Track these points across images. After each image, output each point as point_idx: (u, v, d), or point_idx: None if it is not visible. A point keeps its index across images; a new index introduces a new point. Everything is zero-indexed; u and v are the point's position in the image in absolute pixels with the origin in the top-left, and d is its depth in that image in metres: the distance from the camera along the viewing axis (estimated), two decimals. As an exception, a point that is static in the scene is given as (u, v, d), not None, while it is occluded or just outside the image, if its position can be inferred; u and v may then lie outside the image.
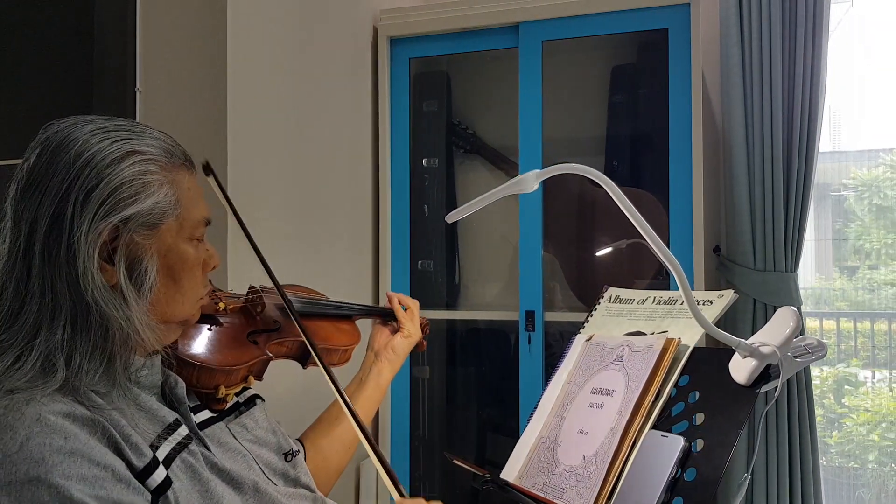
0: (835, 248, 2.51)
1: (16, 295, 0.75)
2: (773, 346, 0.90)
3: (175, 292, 0.83)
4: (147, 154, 0.80)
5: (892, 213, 2.45)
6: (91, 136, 0.78)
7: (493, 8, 1.95)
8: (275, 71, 1.59)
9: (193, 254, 0.85)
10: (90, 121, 0.80)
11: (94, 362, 0.75)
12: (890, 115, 2.41)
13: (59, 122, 0.80)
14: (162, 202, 0.80)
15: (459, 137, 2.25)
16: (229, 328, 1.01)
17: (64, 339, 0.74)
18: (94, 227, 0.75)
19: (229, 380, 0.95)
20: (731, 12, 1.93)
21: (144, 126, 0.84)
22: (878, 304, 2.53)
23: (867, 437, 2.51)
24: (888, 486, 2.48)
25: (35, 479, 0.67)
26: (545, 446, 1.12)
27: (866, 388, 2.60)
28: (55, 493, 0.67)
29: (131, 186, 0.77)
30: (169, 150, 0.83)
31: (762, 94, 1.92)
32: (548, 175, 0.92)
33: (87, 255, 0.74)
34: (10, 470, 0.67)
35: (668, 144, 1.82)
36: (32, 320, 0.74)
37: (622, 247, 2.04)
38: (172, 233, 0.82)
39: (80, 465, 0.69)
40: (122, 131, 0.80)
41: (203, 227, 0.87)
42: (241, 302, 1.07)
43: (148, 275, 0.79)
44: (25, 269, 0.75)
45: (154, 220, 0.79)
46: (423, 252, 2.13)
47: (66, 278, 0.74)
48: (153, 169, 0.80)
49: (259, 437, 0.97)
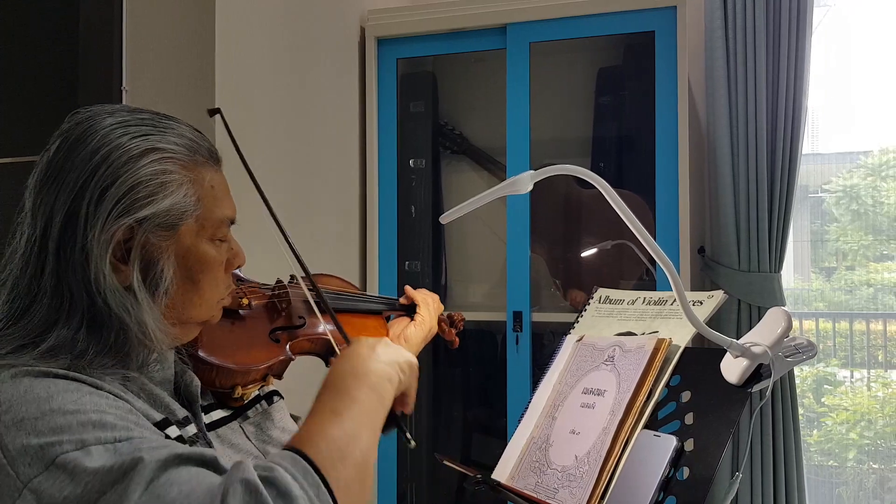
0: (813, 250, 2.55)
1: (28, 290, 0.73)
2: (764, 346, 0.91)
3: (193, 294, 0.79)
4: (167, 151, 0.76)
5: (869, 215, 2.49)
6: (111, 130, 0.74)
7: (480, 9, 1.95)
8: (262, 71, 1.58)
9: (214, 255, 0.81)
10: (112, 112, 0.77)
11: (107, 359, 0.72)
12: (867, 118, 2.44)
13: (84, 111, 0.77)
14: (181, 203, 0.76)
15: (446, 138, 2.25)
16: (251, 325, 0.98)
17: (78, 337, 0.71)
18: (107, 228, 0.72)
19: (247, 380, 0.92)
20: (717, 15, 1.96)
21: (170, 120, 0.80)
22: (855, 305, 2.57)
23: (846, 435, 2.54)
24: (866, 485, 2.51)
25: (49, 411, 0.64)
26: (537, 446, 1.13)
27: (845, 387, 2.64)
28: (72, 417, 0.64)
29: (148, 186, 0.74)
30: (193, 146, 0.79)
31: (746, 96, 1.94)
32: (542, 176, 0.92)
33: (100, 256, 0.71)
34: (20, 409, 0.64)
35: (653, 146, 1.83)
36: (42, 317, 0.72)
37: (607, 248, 2.05)
38: (192, 234, 0.78)
39: (90, 397, 0.67)
40: (143, 126, 0.76)
41: (226, 226, 0.82)
42: (265, 297, 1.02)
43: (164, 277, 0.75)
44: (39, 266, 0.73)
45: (172, 222, 0.76)
46: (410, 253, 2.13)
47: (80, 278, 0.72)
48: (172, 168, 0.76)
49: (274, 437, 0.94)
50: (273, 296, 1.04)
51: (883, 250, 2.47)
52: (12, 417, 0.64)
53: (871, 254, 2.48)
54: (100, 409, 0.66)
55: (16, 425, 0.63)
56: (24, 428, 0.63)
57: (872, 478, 2.49)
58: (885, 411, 2.48)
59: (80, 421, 0.64)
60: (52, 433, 0.63)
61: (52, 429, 0.63)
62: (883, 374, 2.57)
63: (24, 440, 0.63)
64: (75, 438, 0.63)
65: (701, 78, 2.06)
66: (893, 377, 2.56)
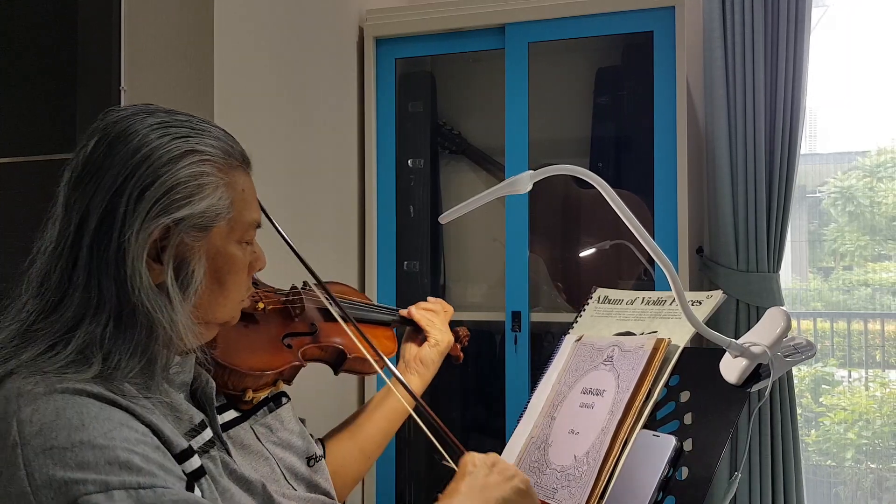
0: (810, 250, 2.55)
1: (58, 285, 0.73)
2: (763, 346, 0.91)
3: (219, 295, 0.81)
4: (205, 154, 0.77)
5: (866, 215, 2.50)
6: (151, 130, 0.75)
7: (479, 9, 1.95)
8: (261, 70, 1.58)
9: (241, 257, 0.82)
10: (151, 113, 0.78)
11: (134, 360, 0.73)
12: (865, 119, 2.45)
13: (120, 111, 0.78)
14: (216, 205, 0.77)
15: (445, 138, 2.25)
16: (265, 330, 0.99)
17: (105, 335, 0.72)
18: (145, 227, 0.72)
19: (258, 383, 0.93)
20: (715, 16, 1.96)
21: (206, 123, 0.81)
22: (853, 305, 2.57)
23: (844, 435, 2.54)
24: (864, 484, 2.51)
25: (78, 443, 0.64)
26: (536, 447, 1.13)
27: (843, 387, 2.64)
28: (100, 452, 0.65)
29: (186, 187, 0.75)
30: (228, 150, 0.81)
31: (745, 96, 1.94)
32: (542, 176, 0.92)
33: (137, 255, 0.72)
34: (50, 436, 0.64)
35: (652, 146, 1.83)
36: (72, 313, 0.72)
37: (605, 248, 2.06)
38: (222, 235, 0.79)
39: (121, 430, 0.67)
40: (182, 128, 0.77)
41: (253, 230, 0.84)
42: (280, 303, 1.03)
43: (195, 277, 0.76)
44: (72, 261, 0.73)
45: (206, 223, 0.77)
46: (408, 253, 2.13)
47: (113, 276, 0.72)
48: (210, 170, 0.77)
49: (283, 439, 0.95)
50: (287, 301, 1.04)
51: (880, 250, 2.48)
52: (42, 443, 0.64)
53: (869, 254, 2.49)
54: (128, 447, 0.66)
55: (45, 453, 0.64)
56: (52, 457, 0.64)
57: (870, 477, 2.49)
58: (883, 411, 2.49)
59: (107, 459, 0.65)
60: (78, 469, 0.64)
61: (80, 464, 0.64)
62: (881, 373, 2.58)
63: (50, 471, 0.63)
64: (100, 479, 0.64)
65: (699, 78, 2.06)
66: (891, 377, 2.56)
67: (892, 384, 2.55)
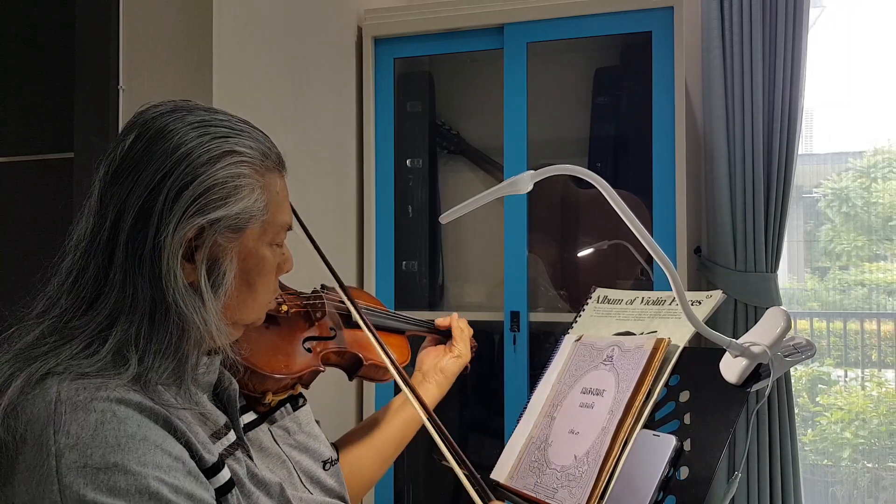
0: (807, 250, 2.56)
1: (95, 283, 0.73)
2: (763, 346, 0.91)
3: (248, 296, 0.81)
4: (244, 155, 0.77)
5: (861, 216, 2.51)
6: (191, 129, 0.75)
7: (477, 9, 1.95)
8: (260, 70, 1.58)
9: (271, 258, 0.82)
10: (191, 111, 0.77)
11: (167, 360, 0.72)
12: (860, 119, 2.46)
13: (159, 107, 0.77)
14: (251, 207, 0.77)
15: (443, 138, 2.25)
16: (286, 332, 0.98)
17: (140, 334, 0.71)
18: (181, 226, 0.72)
19: (278, 386, 0.92)
20: (713, 16, 1.96)
21: (245, 123, 0.82)
22: (849, 305, 2.58)
23: (841, 434, 2.55)
24: (861, 483, 2.52)
25: (112, 465, 0.64)
26: (536, 446, 1.13)
27: (839, 386, 2.64)
28: (132, 479, 0.64)
29: (224, 188, 0.75)
30: (265, 151, 0.81)
31: (743, 97, 1.94)
32: (542, 176, 0.92)
33: (172, 254, 0.72)
34: (85, 452, 0.64)
35: (650, 146, 1.83)
36: (108, 311, 0.72)
37: (603, 248, 2.06)
38: (255, 237, 0.79)
39: (155, 454, 0.67)
40: (222, 128, 0.77)
41: (284, 232, 0.85)
42: (301, 306, 1.03)
43: (226, 277, 0.76)
44: (108, 258, 0.73)
45: (240, 225, 0.77)
46: (407, 252, 2.13)
47: (148, 275, 0.72)
48: (247, 172, 0.77)
49: (300, 442, 0.95)
50: (309, 305, 1.04)
51: (876, 250, 2.48)
52: (77, 458, 0.64)
53: (864, 254, 2.49)
54: (160, 476, 0.66)
55: (79, 470, 0.64)
56: (85, 476, 0.64)
57: (867, 477, 2.50)
58: (880, 410, 2.49)
59: (138, 487, 0.65)
60: (109, 494, 0.64)
61: (111, 489, 0.64)
62: (877, 373, 2.58)
63: (82, 489, 0.64)
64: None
65: (698, 78, 2.07)
66: (887, 376, 2.57)
67: (889, 384, 2.55)
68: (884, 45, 2.37)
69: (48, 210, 1.43)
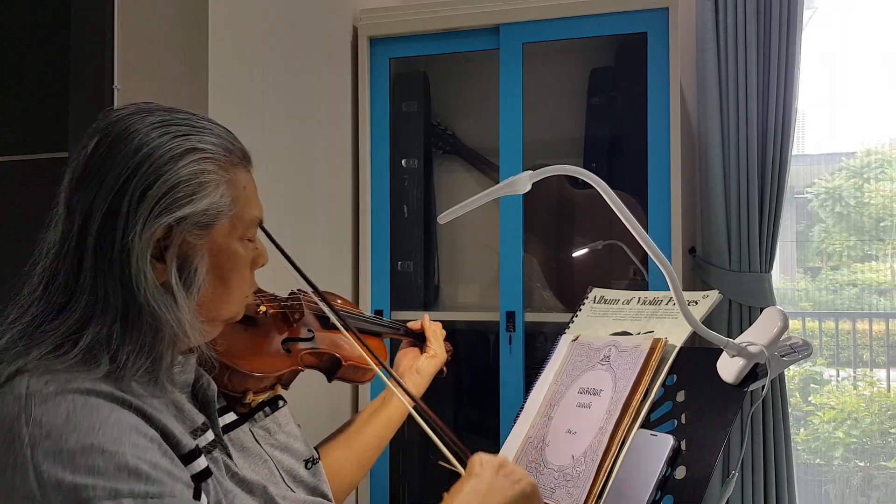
0: (798, 250, 2.57)
1: (65, 288, 0.73)
2: (760, 346, 0.91)
3: (222, 292, 0.81)
4: (207, 152, 0.78)
5: (853, 216, 2.52)
6: (152, 129, 0.75)
7: (473, 10, 1.95)
8: (255, 70, 1.57)
9: (243, 254, 0.83)
10: (151, 112, 0.78)
11: (141, 359, 0.73)
12: (852, 119, 2.47)
13: (120, 111, 0.78)
14: (217, 203, 0.78)
15: (439, 138, 2.24)
16: (265, 333, 0.99)
17: (113, 335, 0.72)
18: (148, 226, 0.73)
19: (259, 386, 0.93)
20: (708, 17, 1.97)
21: (206, 120, 0.82)
22: (840, 305, 2.59)
23: (833, 434, 2.56)
24: (853, 482, 2.53)
25: (88, 447, 0.64)
26: (533, 446, 1.13)
27: (831, 386, 2.66)
28: (109, 458, 0.65)
29: (188, 186, 0.75)
30: (228, 147, 0.81)
31: (738, 98, 1.95)
32: (541, 176, 0.93)
33: (141, 254, 0.72)
34: (59, 439, 0.64)
35: (645, 147, 1.84)
36: (79, 314, 0.72)
37: (598, 248, 2.06)
38: (224, 233, 0.80)
39: (130, 434, 0.67)
40: (183, 126, 0.77)
41: (255, 227, 0.85)
42: (280, 307, 1.04)
43: (198, 275, 0.77)
44: (77, 263, 0.73)
45: (208, 221, 0.77)
46: (402, 253, 2.12)
47: (118, 277, 0.72)
48: (211, 168, 0.78)
49: (281, 441, 0.96)
50: (286, 307, 1.05)
51: (867, 250, 2.50)
52: (52, 445, 0.64)
53: (856, 254, 2.51)
54: (137, 454, 0.66)
55: (54, 455, 0.64)
56: (61, 460, 0.64)
57: (859, 475, 2.51)
58: (871, 409, 2.51)
59: (116, 465, 0.65)
60: (88, 474, 0.64)
61: (89, 469, 0.64)
62: (868, 372, 2.60)
63: (59, 474, 0.63)
64: (109, 486, 0.64)
65: (693, 79, 2.07)
66: (879, 376, 2.58)
67: (880, 383, 2.57)
68: (875, 45, 2.39)
69: (43, 210, 1.42)
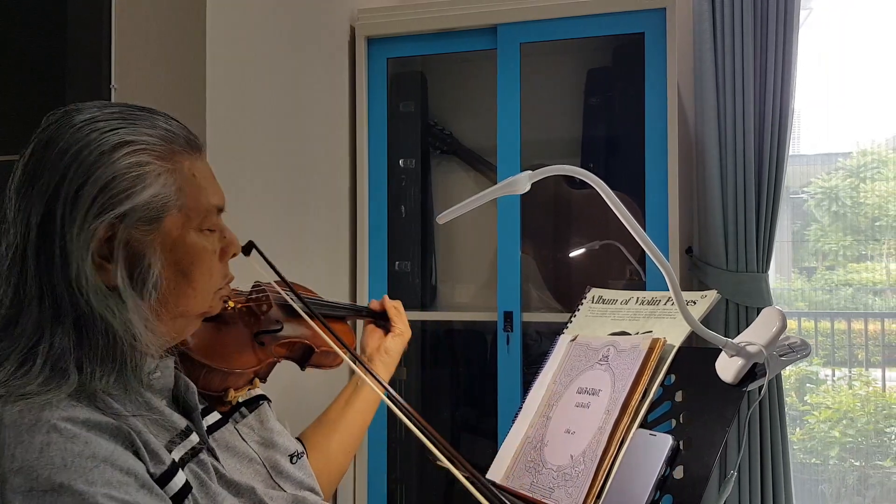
0: (794, 250, 2.58)
1: (14, 299, 0.72)
2: (759, 346, 0.91)
3: (186, 287, 0.78)
4: (140, 143, 0.74)
5: (849, 216, 2.53)
6: (80, 127, 0.73)
7: (471, 10, 1.95)
8: (253, 69, 1.57)
9: (204, 245, 0.79)
10: (80, 110, 0.75)
11: (106, 366, 0.71)
12: (848, 119, 2.48)
13: (52, 115, 0.76)
14: (160, 194, 0.74)
15: (436, 138, 2.24)
16: (236, 328, 0.99)
17: (70, 343, 0.70)
18: (86, 227, 0.70)
19: (238, 382, 0.93)
20: (705, 17, 1.97)
21: (142, 111, 0.78)
22: (836, 304, 2.60)
23: (829, 433, 2.57)
24: (848, 482, 2.54)
25: (58, 486, 0.64)
26: (531, 446, 1.13)
27: (827, 385, 2.67)
28: (80, 499, 0.64)
29: (123, 180, 0.72)
30: (167, 136, 0.77)
31: (734, 98, 1.96)
32: (541, 176, 0.93)
33: (80, 257, 0.70)
34: (31, 476, 0.63)
35: (643, 147, 1.84)
36: (32, 325, 0.71)
37: (595, 248, 2.06)
38: (177, 225, 0.76)
39: (104, 471, 0.66)
40: (112, 120, 0.74)
41: (214, 215, 0.81)
42: (245, 301, 1.03)
43: (151, 272, 0.74)
44: (23, 273, 0.71)
45: (154, 214, 0.74)
46: (400, 252, 2.12)
47: (62, 282, 0.70)
48: (147, 159, 0.74)
49: (266, 438, 0.95)
50: (252, 300, 1.04)
51: (862, 250, 2.51)
52: (22, 482, 0.64)
53: (851, 254, 2.52)
54: (109, 493, 0.65)
55: (24, 493, 0.63)
56: (31, 499, 0.63)
57: (854, 475, 2.52)
58: (867, 409, 2.52)
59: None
60: None
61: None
62: (864, 372, 2.61)
63: None
64: None
65: (690, 80, 2.08)
66: (874, 375, 2.60)
67: (876, 383, 2.58)
68: (871, 45, 2.39)
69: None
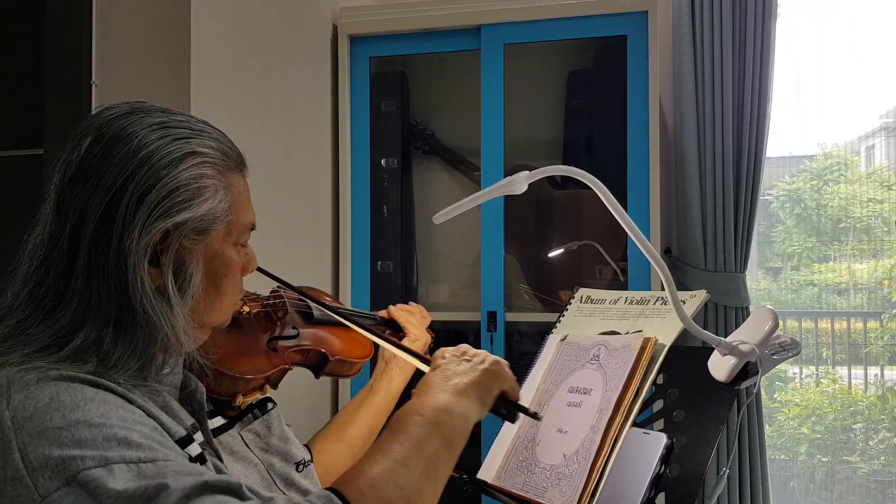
0: (759, 251, 2.63)
1: (55, 291, 0.71)
2: (752, 344, 0.93)
3: (215, 298, 0.80)
4: (206, 156, 0.76)
5: (813, 218, 2.59)
6: (151, 131, 0.73)
7: (455, 10, 1.95)
8: (236, 67, 1.55)
9: (236, 259, 0.82)
10: (148, 112, 0.76)
11: (131, 362, 0.71)
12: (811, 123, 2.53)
13: (114, 110, 0.76)
14: (215, 208, 0.77)
15: (417, 138, 2.24)
16: (251, 334, 0.98)
17: (104, 340, 0.70)
18: (146, 230, 0.71)
19: (248, 388, 0.92)
20: (685, 21, 2.00)
21: (203, 123, 0.80)
22: (801, 304, 2.65)
23: (798, 430, 2.62)
24: (816, 477, 2.60)
25: (74, 422, 0.62)
26: (523, 446, 1.13)
27: (795, 383, 2.72)
28: (97, 429, 0.62)
29: (187, 190, 0.74)
30: (226, 151, 0.80)
31: (713, 101, 1.99)
32: (538, 176, 0.93)
33: (138, 259, 0.71)
34: (44, 419, 0.62)
35: (624, 148, 1.86)
36: (69, 319, 0.70)
37: (573, 248, 2.08)
38: (220, 238, 0.79)
39: (117, 411, 0.65)
40: (182, 129, 0.76)
41: (248, 232, 0.84)
42: (262, 307, 1.03)
43: (193, 280, 0.75)
44: (68, 265, 0.71)
45: (205, 227, 0.76)
46: (382, 253, 2.11)
47: (114, 281, 0.70)
48: (210, 172, 0.76)
49: (271, 445, 0.95)
50: (269, 305, 1.04)
51: (825, 251, 2.57)
52: (36, 426, 0.62)
53: (815, 255, 2.57)
54: (126, 426, 0.64)
55: (39, 434, 0.61)
56: (46, 438, 0.61)
57: (822, 470, 2.57)
58: (834, 406, 2.57)
59: (105, 435, 0.62)
60: (75, 446, 0.61)
61: (76, 441, 0.61)
62: (830, 370, 2.66)
63: (45, 451, 0.61)
64: (98, 454, 0.61)
65: (669, 82, 2.10)
66: (841, 373, 2.66)
67: (842, 380, 2.64)
68: (835, 49, 2.45)
69: (18, 207, 1.38)
